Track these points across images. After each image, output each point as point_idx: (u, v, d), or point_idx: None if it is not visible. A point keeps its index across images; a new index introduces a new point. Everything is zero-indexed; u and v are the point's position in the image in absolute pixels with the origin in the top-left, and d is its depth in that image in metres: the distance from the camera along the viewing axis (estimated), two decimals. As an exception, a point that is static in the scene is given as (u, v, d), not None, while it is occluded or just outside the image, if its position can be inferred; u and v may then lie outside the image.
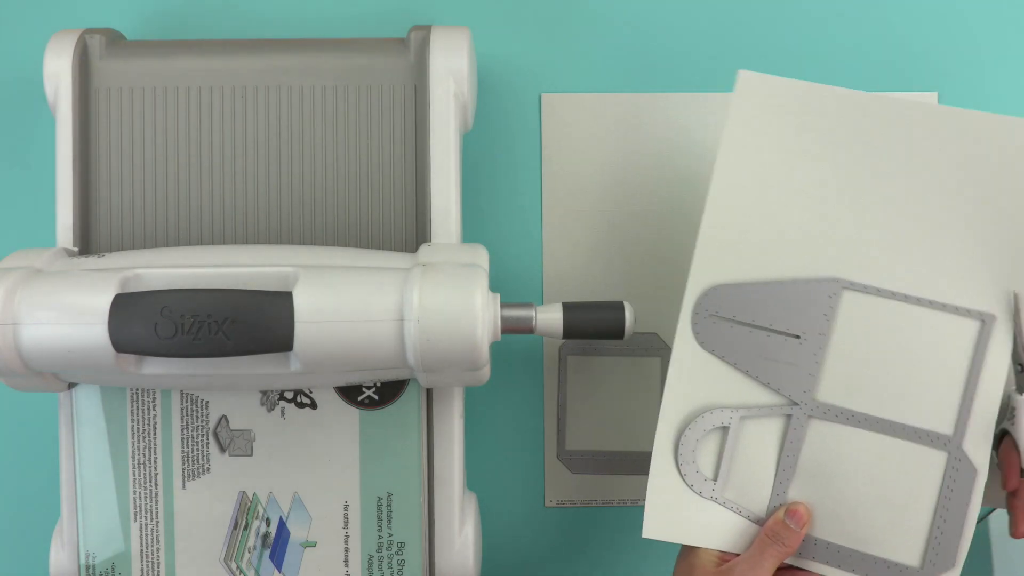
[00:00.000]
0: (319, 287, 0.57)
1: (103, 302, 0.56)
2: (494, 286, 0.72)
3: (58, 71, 0.64)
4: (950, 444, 0.58)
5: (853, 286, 0.59)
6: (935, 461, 0.58)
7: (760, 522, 0.59)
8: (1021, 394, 0.58)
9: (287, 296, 0.56)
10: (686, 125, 0.74)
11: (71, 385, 0.62)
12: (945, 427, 0.58)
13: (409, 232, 0.65)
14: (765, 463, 0.59)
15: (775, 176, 0.60)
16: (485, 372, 0.59)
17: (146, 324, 0.55)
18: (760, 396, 0.59)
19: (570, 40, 0.74)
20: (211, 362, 0.57)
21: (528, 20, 0.74)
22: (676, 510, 0.59)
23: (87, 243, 0.65)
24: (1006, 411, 0.58)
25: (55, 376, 0.59)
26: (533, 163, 0.74)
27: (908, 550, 0.58)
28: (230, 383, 0.62)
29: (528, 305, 0.62)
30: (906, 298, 0.59)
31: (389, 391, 0.64)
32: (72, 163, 0.64)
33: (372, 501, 0.64)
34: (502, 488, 0.75)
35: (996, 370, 0.58)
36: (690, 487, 0.59)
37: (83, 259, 0.61)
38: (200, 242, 0.66)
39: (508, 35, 0.74)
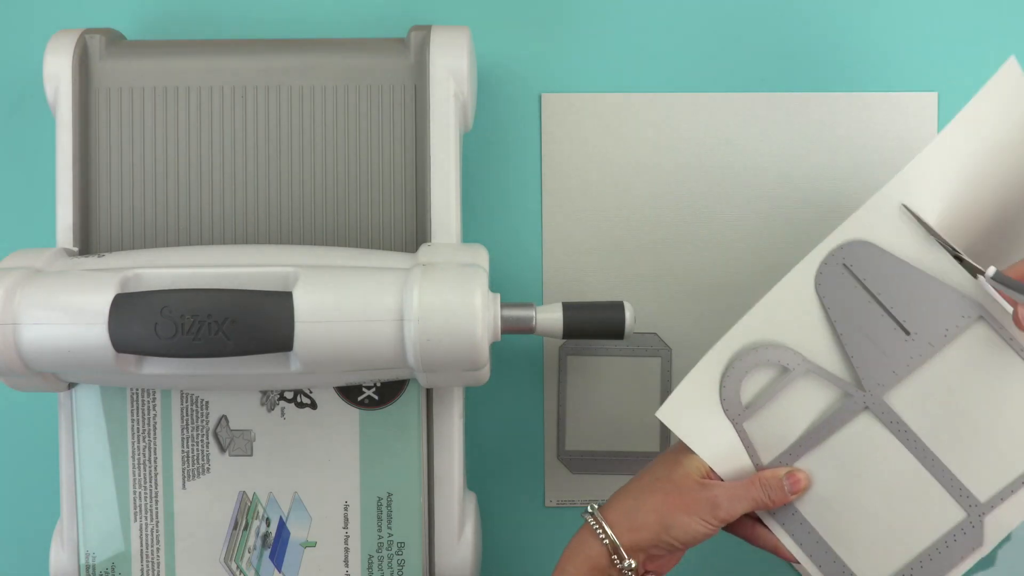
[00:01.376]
0: (319, 287, 0.57)
1: (103, 302, 0.56)
2: (494, 286, 0.72)
3: (58, 71, 0.64)
4: (975, 509, 0.57)
5: (991, 321, 0.56)
6: (951, 515, 0.57)
7: (759, 467, 0.59)
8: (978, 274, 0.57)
9: (287, 296, 0.56)
10: (686, 125, 0.74)
11: (71, 385, 0.62)
12: (982, 493, 0.57)
13: (409, 232, 0.65)
14: (798, 422, 0.59)
15: (977, 177, 0.58)
16: (485, 372, 0.59)
17: (146, 324, 0.55)
18: (834, 364, 0.58)
19: (570, 40, 0.74)
20: (211, 362, 0.56)
21: (528, 20, 0.74)
22: (696, 412, 0.59)
23: (87, 243, 0.65)
24: None
25: (55, 376, 0.59)
26: (533, 163, 0.74)
27: (872, 570, 0.58)
28: (230, 383, 0.62)
29: (528, 305, 0.62)
30: None
31: (389, 391, 0.64)
32: (72, 163, 0.64)
33: (372, 501, 0.64)
34: (502, 488, 0.75)
35: None
36: (721, 401, 0.59)
37: (83, 259, 0.61)
38: (200, 242, 0.66)
39: (508, 35, 0.74)
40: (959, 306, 0.57)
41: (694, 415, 0.59)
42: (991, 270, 0.55)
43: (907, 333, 0.57)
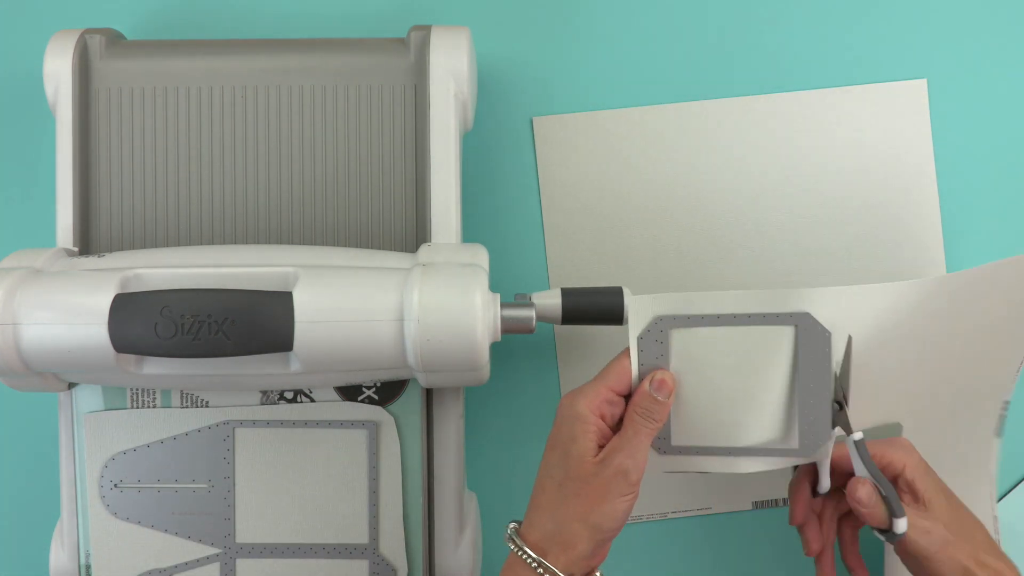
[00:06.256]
0: (319, 287, 0.57)
1: (103, 302, 0.56)
2: (497, 287, 0.72)
3: (58, 71, 0.64)
4: (367, 552, 0.62)
5: (243, 424, 0.63)
6: (358, 570, 0.63)
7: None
8: (848, 433, 0.57)
9: (287, 296, 0.56)
10: (683, 134, 0.74)
11: (71, 385, 0.62)
12: (361, 537, 0.63)
13: (409, 232, 0.65)
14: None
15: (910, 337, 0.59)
16: (485, 372, 0.59)
17: (146, 324, 0.55)
18: (186, 550, 0.63)
19: (568, 43, 0.74)
20: (211, 362, 0.57)
21: (529, 22, 0.74)
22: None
23: (87, 243, 0.65)
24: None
25: (55, 376, 0.59)
26: (534, 163, 0.74)
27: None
28: (230, 383, 0.62)
29: (528, 305, 0.62)
30: (303, 423, 0.62)
31: (389, 391, 0.64)
32: (72, 163, 0.64)
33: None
34: (502, 488, 0.74)
35: (391, 472, 0.63)
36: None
37: (83, 259, 0.61)
38: (200, 242, 0.66)
39: (509, 35, 0.74)
40: (215, 434, 0.63)
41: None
42: (857, 435, 0.57)
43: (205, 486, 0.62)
